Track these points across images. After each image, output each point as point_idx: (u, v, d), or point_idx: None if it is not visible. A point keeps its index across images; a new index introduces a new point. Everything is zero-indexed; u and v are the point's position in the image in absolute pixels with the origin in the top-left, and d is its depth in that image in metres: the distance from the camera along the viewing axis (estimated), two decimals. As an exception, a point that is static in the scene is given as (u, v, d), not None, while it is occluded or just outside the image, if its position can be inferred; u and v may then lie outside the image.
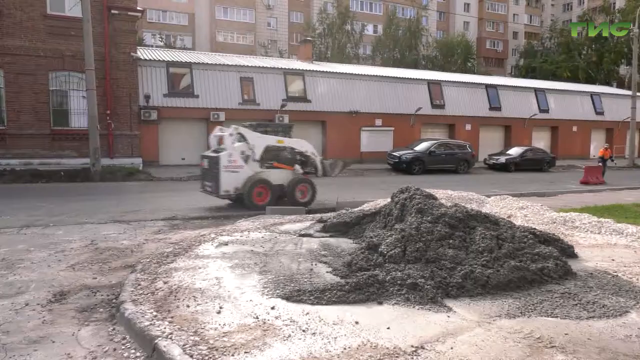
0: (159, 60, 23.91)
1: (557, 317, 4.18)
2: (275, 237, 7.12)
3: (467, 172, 23.90)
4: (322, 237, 7.07)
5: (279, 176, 11.39)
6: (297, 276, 5.14)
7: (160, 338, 3.62)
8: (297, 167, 11.85)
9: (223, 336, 3.65)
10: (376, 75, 29.53)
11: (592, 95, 37.03)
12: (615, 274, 5.47)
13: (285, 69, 27.18)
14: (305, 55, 31.20)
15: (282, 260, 5.79)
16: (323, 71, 28.18)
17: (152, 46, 36.70)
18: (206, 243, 6.75)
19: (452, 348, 3.51)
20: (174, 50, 33.27)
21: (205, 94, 23.84)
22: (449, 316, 4.14)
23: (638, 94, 31.65)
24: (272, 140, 11.57)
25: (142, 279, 5.12)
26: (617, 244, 7.17)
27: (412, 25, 50.41)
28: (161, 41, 46.47)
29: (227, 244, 6.62)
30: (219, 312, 4.14)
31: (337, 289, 4.58)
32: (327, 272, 5.32)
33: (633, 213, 10.05)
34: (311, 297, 4.46)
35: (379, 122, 28.01)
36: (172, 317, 4.03)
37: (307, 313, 4.13)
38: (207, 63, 25.40)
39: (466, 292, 4.65)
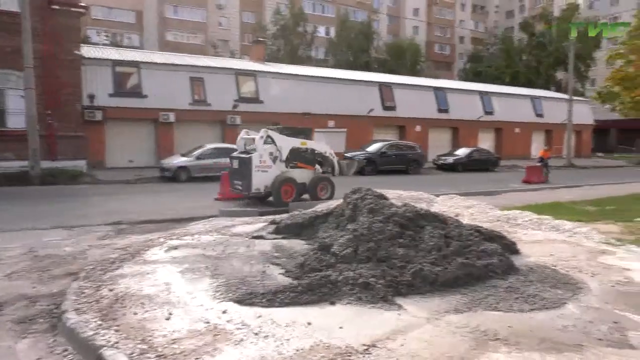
0: (105, 58, 23.08)
1: (501, 310, 4.36)
2: (227, 240, 7.01)
3: (417, 172, 24.49)
4: (275, 238, 7.03)
5: (302, 175, 12.26)
6: (249, 279, 5.08)
7: (105, 348, 3.48)
8: (318, 167, 12.87)
9: (172, 343, 3.56)
10: (329, 77, 29.78)
11: (532, 98, 39.00)
12: (554, 267, 5.76)
13: (237, 69, 26.91)
14: (257, 56, 30.99)
15: (234, 263, 5.72)
16: (276, 72, 28.13)
17: (97, 44, 35.27)
18: (155, 248, 6.55)
19: (402, 345, 3.58)
20: (120, 48, 32.12)
21: (154, 94, 23.20)
22: (399, 314, 4.22)
23: (574, 97, 33.60)
24: (296, 142, 12.42)
25: (86, 287, 4.90)
26: (556, 239, 7.56)
27: (364, 28, 51.17)
28: (107, 39, 44.75)
29: (177, 248, 6.45)
30: (168, 319, 4.02)
31: (289, 290, 4.57)
32: (279, 273, 5.30)
33: (570, 210, 10.64)
34: (263, 300, 4.43)
35: (331, 123, 28.24)
36: (118, 326, 3.88)
37: (260, 316, 4.10)
38: (156, 62, 24.75)
39: (416, 289, 4.76)
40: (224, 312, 4.17)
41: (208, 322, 3.94)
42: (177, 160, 18.69)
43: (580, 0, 57.15)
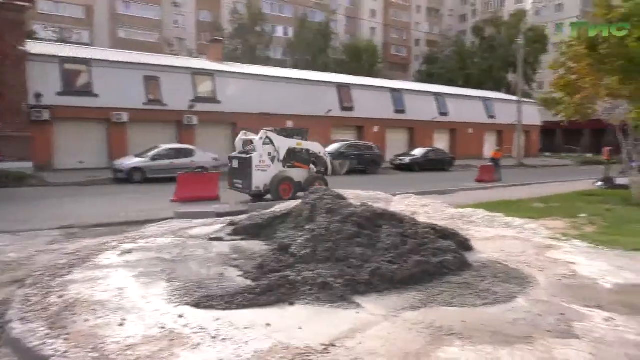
0: (52, 55, 22.11)
1: (455, 306, 4.48)
2: (184, 243, 6.87)
3: (375, 172, 24.81)
4: (233, 240, 6.95)
5: (298, 174, 12.91)
6: (207, 282, 5.00)
7: (53, 357, 3.33)
8: (312, 166, 13.41)
9: (126, 350, 3.45)
10: (287, 78, 29.74)
11: (484, 100, 40.40)
12: (505, 263, 5.98)
13: (193, 68, 26.45)
14: (215, 56, 30.55)
15: (191, 266, 5.61)
16: (234, 72, 27.84)
17: (44, 40, 33.71)
18: (107, 252, 6.33)
19: (360, 343, 3.62)
20: (69, 45, 30.84)
21: (105, 93, 22.41)
22: (358, 312, 4.27)
23: (523, 99, 35.03)
24: (293, 143, 13.06)
25: (33, 294, 4.67)
26: (507, 235, 7.86)
27: (322, 29, 51.39)
28: (55, 35, 42.80)
29: (130, 252, 6.26)
30: (121, 325, 3.90)
31: (248, 292, 4.54)
32: (238, 275, 5.24)
33: (520, 207, 11.07)
34: (222, 303, 4.37)
35: (290, 123, 28.11)
36: (67, 334, 3.72)
37: (218, 319, 4.04)
38: (108, 60, 23.96)
39: (374, 288, 4.82)
40: (181, 316, 4.08)
41: (164, 327, 3.85)
42: (131, 161, 18.14)
43: (528, 6, 59.72)
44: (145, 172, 17.55)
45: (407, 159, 27.61)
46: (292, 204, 8.00)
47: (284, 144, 12.70)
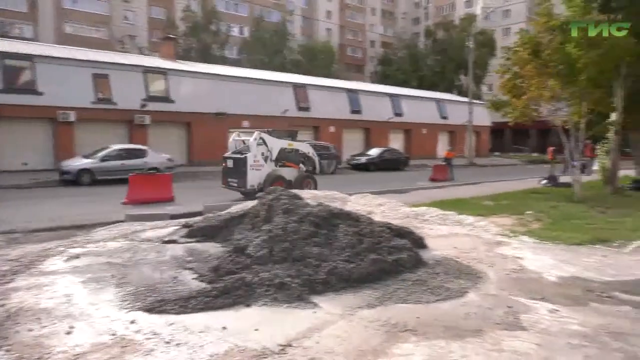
0: (-8, 50, 20.87)
1: (410, 302, 4.59)
2: (136, 246, 6.65)
3: (332, 172, 24.95)
4: (188, 242, 6.79)
5: (289, 173, 13.61)
6: (159, 286, 4.87)
7: (-7, 370, 3.14)
8: (302, 165, 14.15)
9: (74, 359, 3.31)
10: (243, 77, 29.42)
11: (437, 101, 41.53)
12: (457, 260, 6.17)
13: (145, 66, 25.68)
14: (167, 54, 29.83)
15: (144, 270, 5.44)
16: (188, 71, 27.26)
17: (-19, 34, 31.80)
18: (53, 257, 6.04)
19: (318, 342, 3.64)
20: (10, 40, 29.20)
21: (50, 91, 21.41)
22: (315, 312, 4.29)
23: (474, 101, 36.24)
24: (284, 143, 13.78)
25: (-29, 304, 4.40)
26: (459, 233, 8.11)
27: (279, 29, 51.17)
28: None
29: (78, 257, 6.00)
30: (69, 333, 3.74)
31: (203, 295, 4.46)
32: (193, 278, 5.13)
33: (471, 205, 11.44)
34: (175, 307, 4.28)
35: (246, 123, 27.88)
36: (10, 345, 3.53)
37: (172, 324, 3.95)
38: (54, 56, 22.89)
39: (331, 287, 4.85)
40: (132, 322, 3.96)
41: (114, 334, 3.72)
42: (79, 162, 17.39)
43: (477, 11, 61.84)
44: (95, 173, 16.87)
45: (363, 159, 27.95)
46: (249, 204, 7.92)
47: (276, 144, 13.40)
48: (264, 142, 13.12)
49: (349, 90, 34.85)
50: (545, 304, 4.60)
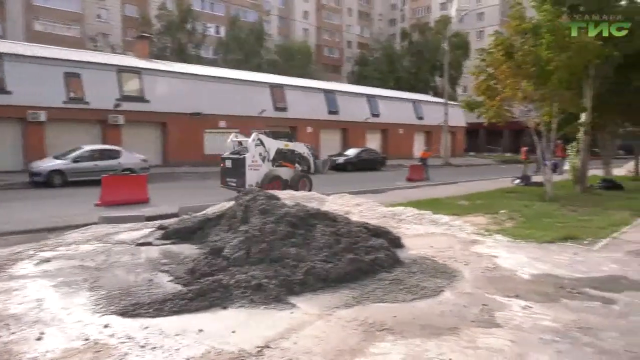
0: (-43, 48, 20.16)
1: (387, 302, 4.62)
2: (110, 249, 6.52)
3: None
4: (163, 244, 6.70)
5: (285, 173, 13.97)
6: (134, 289, 4.79)
7: (-41, 379, 3.04)
8: (297, 165, 14.61)
9: (44, 365, 3.23)
10: (220, 77, 29.18)
11: (414, 102, 41.99)
12: (433, 259, 6.24)
13: (119, 65, 25.20)
14: (142, 52, 29.35)
15: (118, 273, 5.34)
16: (163, 70, 26.87)
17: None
18: (23, 261, 5.87)
19: (295, 343, 3.63)
20: (-23, 37, 28.32)
21: (20, 90, 20.80)
22: (292, 312, 4.28)
23: (449, 102, 36.75)
24: (281, 144, 14.20)
25: None
26: (435, 232, 8.20)
27: (255, 28, 50.91)
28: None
29: (49, 261, 5.85)
30: (39, 339, 3.64)
31: (179, 297, 4.40)
32: (168, 281, 5.06)
33: (447, 205, 11.59)
34: (150, 310, 4.21)
35: (223, 123, 27.70)
36: (-24, 352, 3.42)
37: (147, 327, 3.88)
38: (23, 55, 22.26)
39: (308, 287, 4.85)
40: (106, 326, 3.88)
41: (87, 339, 3.64)
42: (50, 163, 16.93)
43: (452, 13, 62.78)
44: (66, 175, 16.44)
45: (340, 159, 28.01)
46: (226, 205, 7.86)
47: (273, 145, 13.81)
48: (262, 143, 13.49)
49: (326, 91, 34.92)
50: (519, 301, 4.69)
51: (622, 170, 22.37)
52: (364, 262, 5.45)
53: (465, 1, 65.59)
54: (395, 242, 6.79)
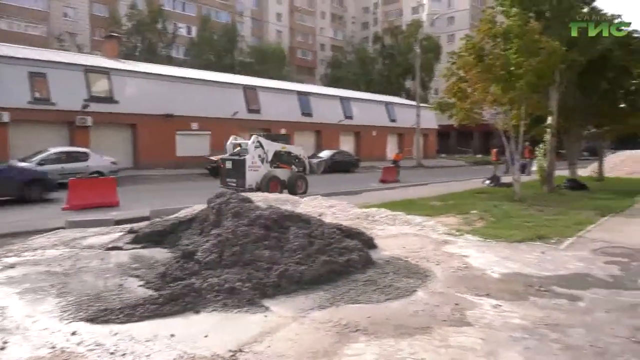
0: None
1: (361, 302, 4.64)
2: (77, 254, 6.34)
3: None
4: (134, 249, 6.55)
5: (283, 173, 14.73)
6: (104, 294, 4.67)
7: None
8: (294, 167, 15.38)
9: (8, 375, 3.11)
10: (192, 78, 28.76)
11: (386, 104, 42.39)
12: (406, 259, 6.30)
13: (86, 65, 24.59)
14: (110, 52, 28.73)
15: (86, 279, 5.20)
16: (133, 71, 26.32)
17: None
18: (-15, 268, 5.66)
19: (269, 346, 3.61)
20: None
21: (-19, 91, 20.02)
22: (266, 315, 4.25)
23: (421, 104, 37.28)
24: (278, 146, 15.03)
25: None
26: (408, 233, 8.29)
27: (228, 29, 50.49)
28: None
29: (13, 267, 5.65)
30: (2, 348, 3.52)
31: (150, 302, 4.32)
32: (139, 286, 4.96)
33: (419, 206, 11.74)
34: (120, 315, 4.12)
35: (195, 125, 27.36)
36: None
37: (116, 333, 3.80)
38: (-15, 54, 21.44)
39: (282, 290, 4.83)
40: (74, 333, 3.78)
41: (54, 347, 3.54)
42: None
43: (424, 16, 63.73)
44: (32, 178, 15.90)
45: (314, 161, 28.04)
46: (197, 208, 7.76)
47: (271, 147, 14.63)
48: (261, 145, 14.32)
49: (299, 93, 34.91)
50: (489, 299, 4.78)
51: (586, 171, 23.13)
52: (337, 263, 5.46)
53: (436, 5, 66.73)
54: (369, 243, 6.83)
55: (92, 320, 4.04)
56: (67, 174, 14.66)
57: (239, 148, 15.25)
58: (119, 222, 9.30)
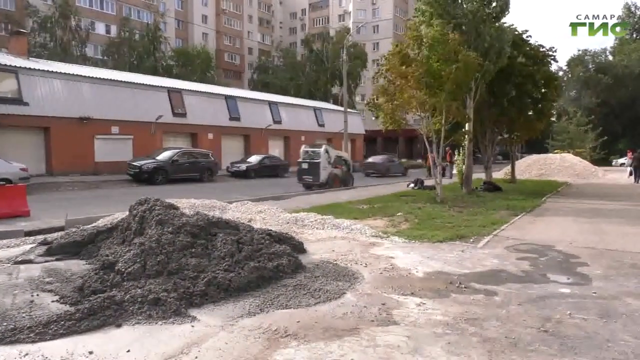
0: None
1: (291, 307, 4.63)
2: (-20, 269, 5.78)
3: (211, 180, 24.35)
4: (47, 261, 6.09)
5: (339, 172, 19.87)
6: (12, 312, 4.29)
7: None
8: (343, 167, 20.31)
9: None
10: (111, 79, 27.26)
11: (315, 109, 42.88)
12: (335, 262, 6.39)
13: (-10, 64, 22.53)
14: (18, 50, 26.52)
15: (-9, 296, 4.75)
16: (44, 70, 24.46)
17: None
18: None
19: (196, 357, 3.51)
20: None
21: None
22: (193, 326, 4.12)
23: (349, 110, 38.09)
24: (337, 152, 20.32)
25: None
26: (336, 236, 8.42)
27: (150, 30, 48.58)
28: None
29: None
30: None
31: (65, 318, 4.03)
32: (53, 301, 4.61)
33: (347, 210, 11.97)
34: (31, 334, 3.81)
35: (115, 129, 26.02)
36: None
37: (26, 354, 3.51)
38: None
39: (210, 298, 4.71)
40: (-25, 357, 3.43)
41: (-49, 374, 3.19)
42: None
43: (350, 24, 65.30)
44: None
45: (243, 166, 27.77)
46: (118, 216, 7.37)
47: (333, 153, 19.67)
48: (327, 152, 19.16)
49: (227, 97, 34.33)
50: (414, 298, 4.97)
51: (500, 173, 24.86)
52: (267, 269, 5.42)
53: (362, 14, 68.63)
54: (299, 247, 6.86)
55: (-2, 341, 3.70)
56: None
57: (310, 153, 19.46)
58: (29, 234, 8.59)
